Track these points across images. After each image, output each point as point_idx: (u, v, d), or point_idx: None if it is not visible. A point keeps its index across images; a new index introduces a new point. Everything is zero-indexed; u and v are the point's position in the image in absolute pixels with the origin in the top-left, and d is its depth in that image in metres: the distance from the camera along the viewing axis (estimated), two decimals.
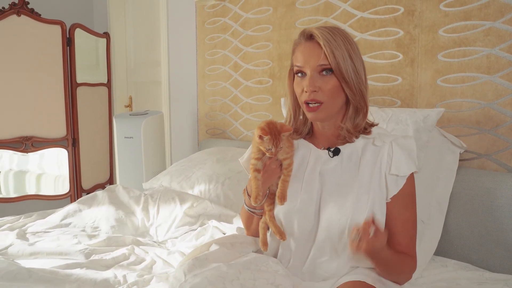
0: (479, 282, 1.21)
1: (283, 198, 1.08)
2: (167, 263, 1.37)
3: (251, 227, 1.24)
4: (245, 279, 1.00)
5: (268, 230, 1.18)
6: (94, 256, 1.38)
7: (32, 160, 2.99)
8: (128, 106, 3.45)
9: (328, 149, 1.12)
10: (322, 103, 1.04)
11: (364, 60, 1.09)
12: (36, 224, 1.67)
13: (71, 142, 2.93)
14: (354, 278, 1.01)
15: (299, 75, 1.07)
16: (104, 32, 3.28)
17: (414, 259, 1.08)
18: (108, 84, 3.27)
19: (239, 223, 1.47)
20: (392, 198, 1.06)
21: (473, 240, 1.36)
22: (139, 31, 3.30)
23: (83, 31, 2.99)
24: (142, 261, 1.39)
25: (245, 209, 1.22)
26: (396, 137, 1.09)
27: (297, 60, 1.07)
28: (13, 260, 1.31)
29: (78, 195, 2.97)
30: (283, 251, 1.14)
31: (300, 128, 1.16)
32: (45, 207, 2.83)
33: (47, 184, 3.02)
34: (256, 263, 1.08)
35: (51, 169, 3.04)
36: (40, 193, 2.98)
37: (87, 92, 3.04)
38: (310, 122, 1.16)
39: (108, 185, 3.29)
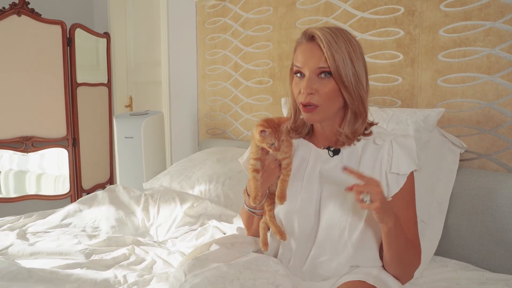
0: (480, 282, 1.21)
1: (282, 198, 1.08)
2: (167, 263, 1.37)
3: (252, 227, 1.24)
4: (245, 279, 1.00)
5: (268, 230, 1.18)
6: (94, 256, 1.38)
7: (32, 160, 2.99)
8: (128, 106, 3.45)
9: (328, 148, 1.12)
10: (318, 106, 1.03)
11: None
12: (36, 224, 1.67)
13: (71, 142, 2.93)
14: (354, 277, 1.01)
15: (298, 75, 1.07)
16: (104, 32, 3.28)
17: (419, 254, 1.08)
18: (108, 84, 3.27)
19: (240, 223, 1.47)
20: (393, 197, 1.06)
21: (473, 240, 1.36)
22: (139, 31, 3.30)
23: (83, 31, 2.99)
24: (142, 261, 1.39)
25: (245, 209, 1.22)
26: (396, 136, 1.09)
27: (297, 60, 1.06)
28: (13, 260, 1.31)
29: (78, 195, 2.98)
30: (284, 251, 1.14)
31: (300, 128, 1.16)
32: (45, 207, 2.83)
33: (47, 184, 3.02)
34: (256, 263, 1.08)
35: (51, 169, 3.04)
36: (40, 193, 2.98)
37: (87, 92, 3.04)
38: None
39: (108, 185, 3.29)
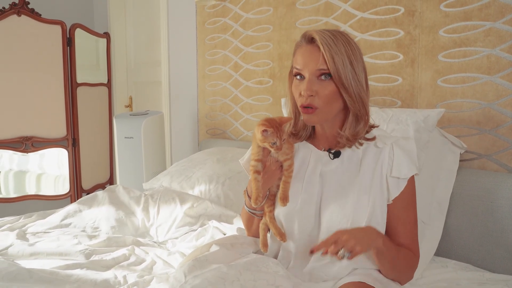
0: (480, 283, 1.21)
1: (285, 199, 1.08)
2: (167, 263, 1.37)
3: (252, 228, 1.24)
4: (245, 280, 1.00)
5: (268, 231, 1.18)
6: (94, 256, 1.38)
7: (32, 160, 2.99)
8: (128, 106, 3.45)
9: (329, 150, 1.12)
10: (317, 108, 1.04)
11: (364, 60, 1.08)
12: (36, 224, 1.67)
13: (71, 142, 2.93)
14: (354, 279, 1.01)
15: (297, 77, 1.07)
16: (104, 32, 3.28)
17: (417, 256, 1.09)
18: (108, 84, 3.27)
19: (240, 223, 1.47)
20: (393, 200, 1.06)
21: (473, 240, 1.36)
22: (139, 31, 3.30)
23: (83, 31, 2.99)
24: (142, 261, 1.39)
25: (245, 210, 1.22)
26: (396, 138, 1.09)
27: (296, 63, 1.06)
28: (13, 261, 1.31)
29: (78, 195, 2.97)
30: (284, 252, 1.14)
31: (301, 132, 1.15)
32: (45, 207, 2.83)
33: (47, 184, 3.02)
34: (256, 264, 1.08)
35: (51, 169, 3.04)
36: (40, 193, 2.98)
37: (87, 92, 3.04)
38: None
39: (108, 185, 3.29)
